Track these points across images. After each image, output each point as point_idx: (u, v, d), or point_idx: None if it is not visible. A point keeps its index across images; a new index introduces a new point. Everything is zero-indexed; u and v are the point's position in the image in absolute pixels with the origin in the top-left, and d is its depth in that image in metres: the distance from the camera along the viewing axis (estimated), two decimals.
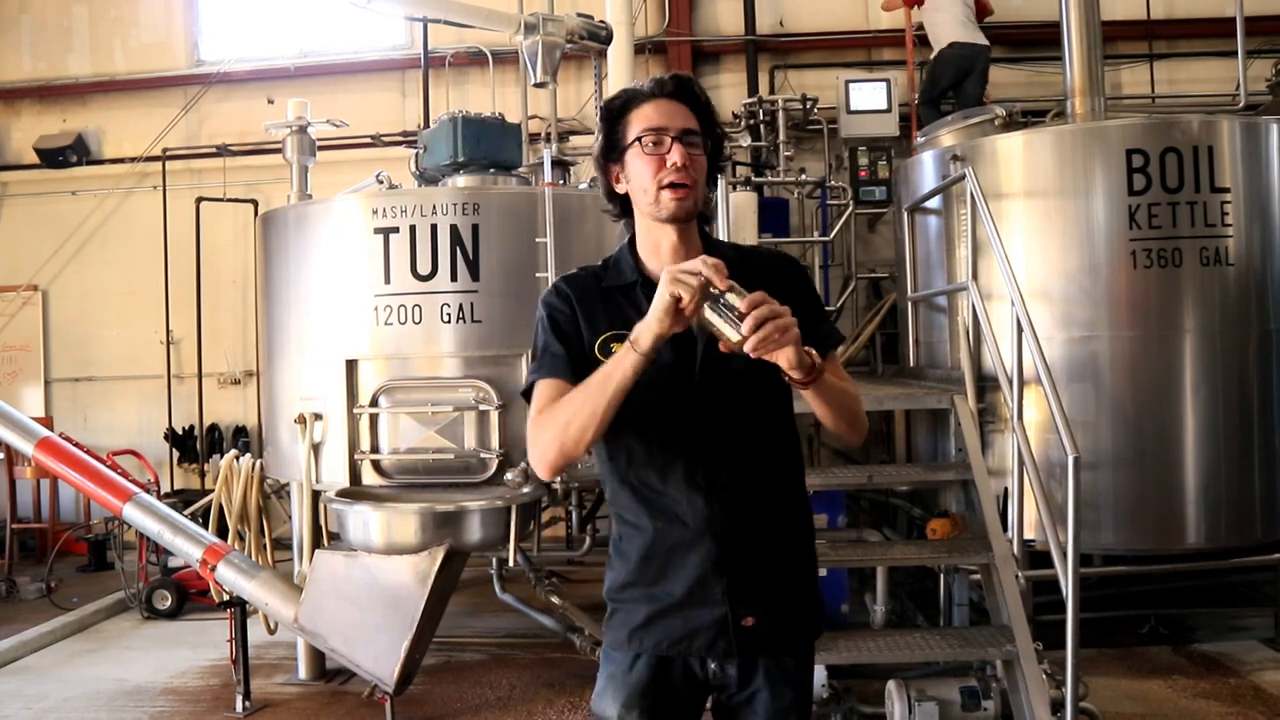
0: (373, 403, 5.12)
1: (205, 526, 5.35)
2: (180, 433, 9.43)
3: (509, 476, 4.90)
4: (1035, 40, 8.47)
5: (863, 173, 8.12)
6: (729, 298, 1.80)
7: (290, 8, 9.74)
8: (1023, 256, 5.34)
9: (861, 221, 8.35)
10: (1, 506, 8.66)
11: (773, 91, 8.85)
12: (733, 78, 9.09)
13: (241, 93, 9.52)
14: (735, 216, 6.39)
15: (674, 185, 2.01)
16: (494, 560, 5.94)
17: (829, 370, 1.98)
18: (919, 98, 8.19)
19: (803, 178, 7.98)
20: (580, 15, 6.42)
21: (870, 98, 8.16)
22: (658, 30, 9.05)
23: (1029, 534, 4.97)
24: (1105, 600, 5.77)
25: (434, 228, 5.05)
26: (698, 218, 2.11)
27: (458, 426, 5.04)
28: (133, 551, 7.63)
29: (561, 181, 5.75)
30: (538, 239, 5.05)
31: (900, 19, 8.59)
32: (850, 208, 7.98)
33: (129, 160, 9.54)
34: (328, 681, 5.56)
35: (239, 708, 5.10)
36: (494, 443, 4.98)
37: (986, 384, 5.30)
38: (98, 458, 5.57)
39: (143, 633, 6.69)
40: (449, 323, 5.05)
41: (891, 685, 4.33)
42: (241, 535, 5.66)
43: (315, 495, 5.26)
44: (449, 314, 5.05)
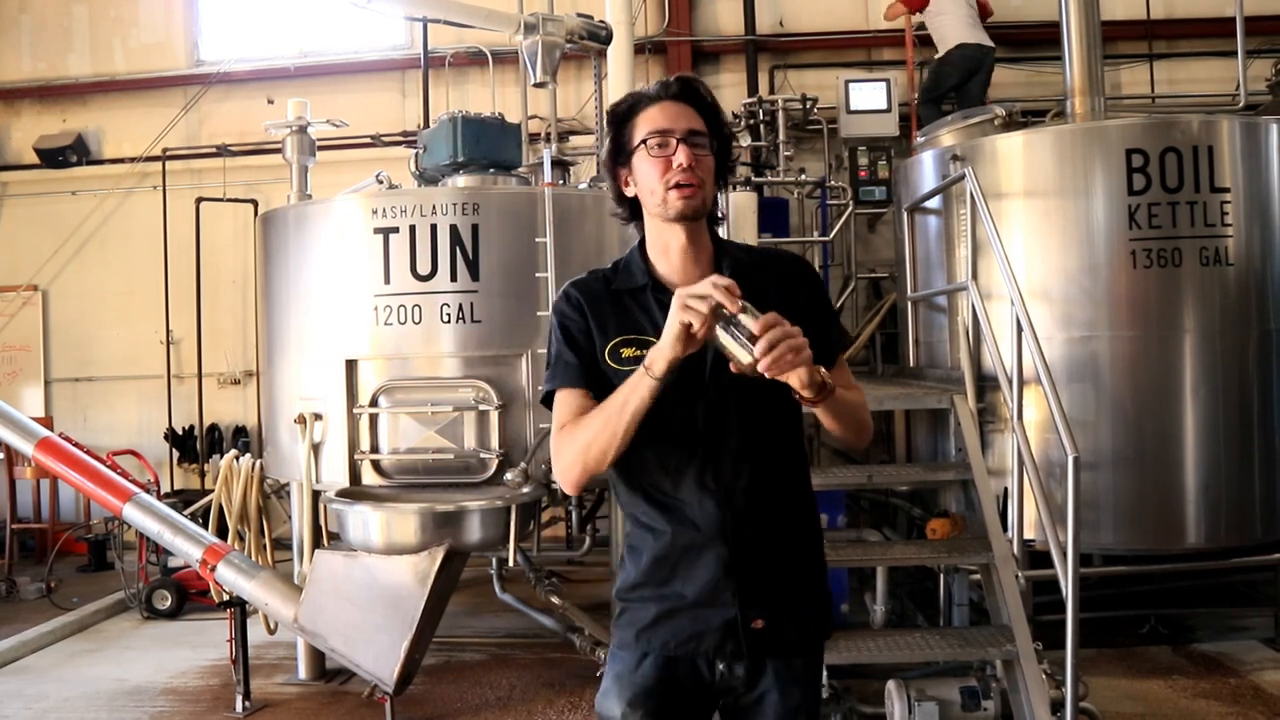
0: (372, 403, 5.12)
1: (205, 527, 5.35)
2: (180, 433, 9.43)
3: (509, 476, 4.89)
4: (1035, 40, 8.47)
5: (862, 173, 8.12)
6: (741, 319, 1.80)
7: (290, 8, 9.74)
8: (1022, 256, 5.34)
9: (861, 221, 8.36)
10: (1, 506, 8.66)
11: (772, 91, 8.85)
12: (733, 78, 9.09)
13: (241, 93, 9.52)
14: (735, 216, 6.40)
15: (680, 185, 2.02)
16: (494, 560, 5.93)
17: (836, 377, 1.99)
18: (919, 97, 8.19)
19: (803, 178, 8.00)
20: (580, 15, 6.41)
21: (870, 98, 8.16)
22: (658, 30, 9.04)
23: (1029, 534, 4.97)
24: (1105, 600, 5.77)
25: (434, 228, 5.05)
26: (708, 218, 2.12)
27: (457, 426, 5.05)
28: (133, 551, 7.63)
29: (561, 181, 5.75)
30: (537, 239, 5.06)
31: (900, 19, 8.59)
32: (850, 208, 7.99)
33: (129, 160, 9.54)
34: (328, 681, 5.56)
35: (239, 708, 5.10)
36: (494, 443, 4.98)
37: (986, 384, 5.30)
38: (98, 458, 5.57)
39: (143, 633, 6.69)
40: (449, 323, 5.05)
41: (891, 685, 4.33)
42: (241, 535, 5.66)
43: (315, 495, 5.26)
44: (449, 314, 5.05)
